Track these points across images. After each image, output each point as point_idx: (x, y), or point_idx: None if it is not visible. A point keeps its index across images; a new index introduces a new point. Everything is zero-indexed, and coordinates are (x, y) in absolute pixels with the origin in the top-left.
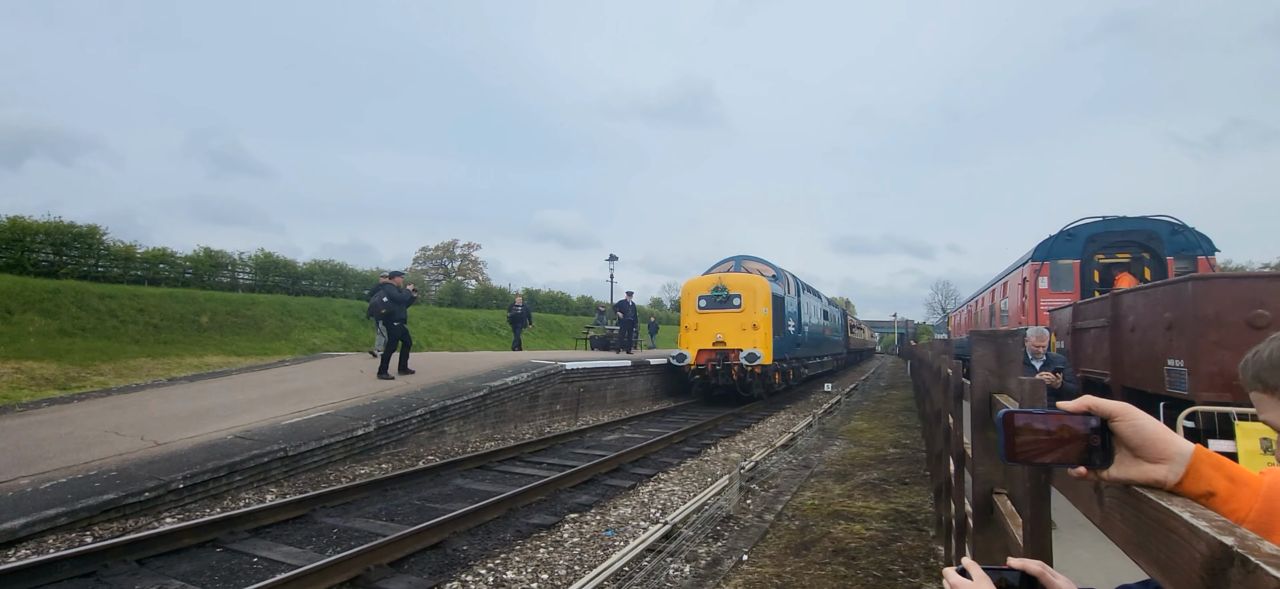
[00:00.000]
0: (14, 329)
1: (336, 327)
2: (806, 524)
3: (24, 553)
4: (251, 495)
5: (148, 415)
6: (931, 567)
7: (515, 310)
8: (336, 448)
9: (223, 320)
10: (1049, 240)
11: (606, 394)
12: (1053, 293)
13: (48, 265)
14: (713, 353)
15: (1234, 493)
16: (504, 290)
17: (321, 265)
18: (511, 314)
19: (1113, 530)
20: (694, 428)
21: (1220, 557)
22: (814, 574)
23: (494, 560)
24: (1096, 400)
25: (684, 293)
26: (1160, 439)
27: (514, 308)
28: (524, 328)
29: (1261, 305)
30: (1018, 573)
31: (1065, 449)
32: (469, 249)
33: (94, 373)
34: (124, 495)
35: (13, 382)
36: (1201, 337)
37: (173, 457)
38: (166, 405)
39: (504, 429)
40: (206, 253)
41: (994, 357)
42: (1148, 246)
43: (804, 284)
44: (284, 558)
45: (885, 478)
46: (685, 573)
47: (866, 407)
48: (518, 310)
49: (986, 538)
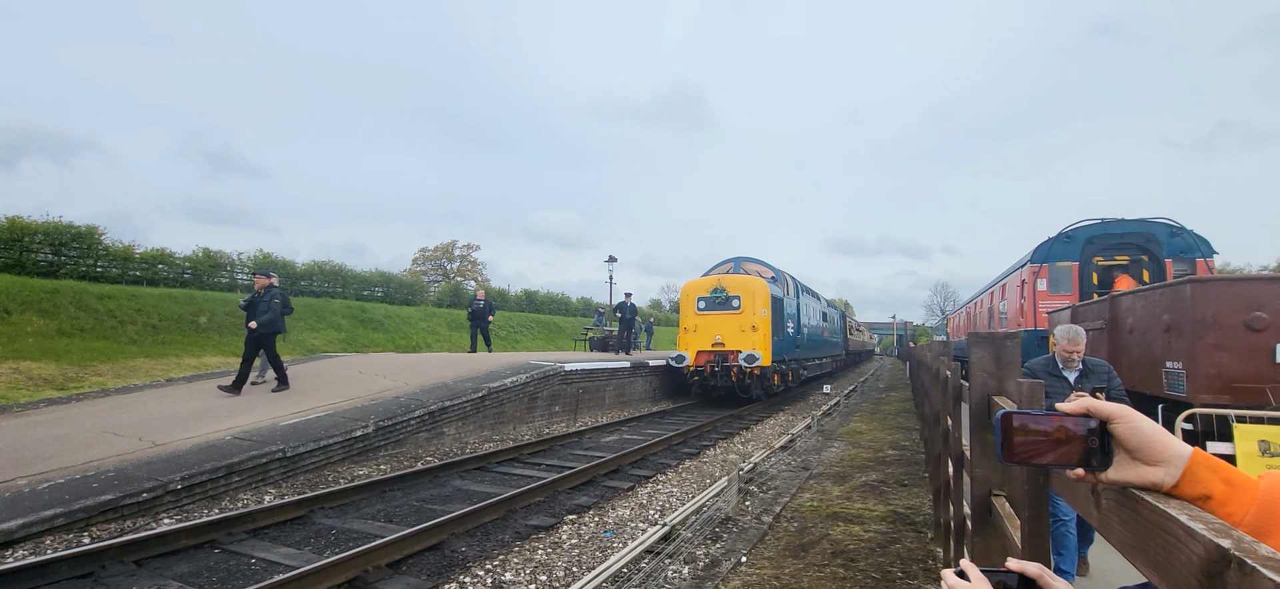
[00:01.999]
0: (12, 329)
1: (335, 327)
2: (805, 526)
3: (21, 554)
4: (249, 496)
5: (146, 416)
6: (930, 569)
7: (475, 305)
8: (335, 449)
9: (221, 321)
10: (1048, 242)
11: (605, 395)
12: (1051, 295)
13: (46, 265)
14: (712, 354)
15: (1231, 496)
16: (502, 291)
17: (320, 266)
18: (471, 310)
19: (1110, 533)
20: (693, 429)
21: (1217, 559)
22: (813, 576)
23: (492, 562)
24: (1095, 402)
25: (683, 294)
26: (1158, 442)
27: (474, 303)
28: (486, 326)
29: (1260, 308)
30: (1016, 575)
31: (1063, 450)
32: (468, 250)
33: (92, 373)
34: (122, 496)
35: (11, 382)
36: (1199, 339)
37: (170, 457)
38: (164, 406)
39: (503, 430)
40: (205, 253)
41: (992, 358)
42: (1146, 249)
43: (803, 286)
44: (282, 559)
45: (884, 480)
46: (684, 575)
47: (865, 408)
48: (478, 305)
49: (985, 540)
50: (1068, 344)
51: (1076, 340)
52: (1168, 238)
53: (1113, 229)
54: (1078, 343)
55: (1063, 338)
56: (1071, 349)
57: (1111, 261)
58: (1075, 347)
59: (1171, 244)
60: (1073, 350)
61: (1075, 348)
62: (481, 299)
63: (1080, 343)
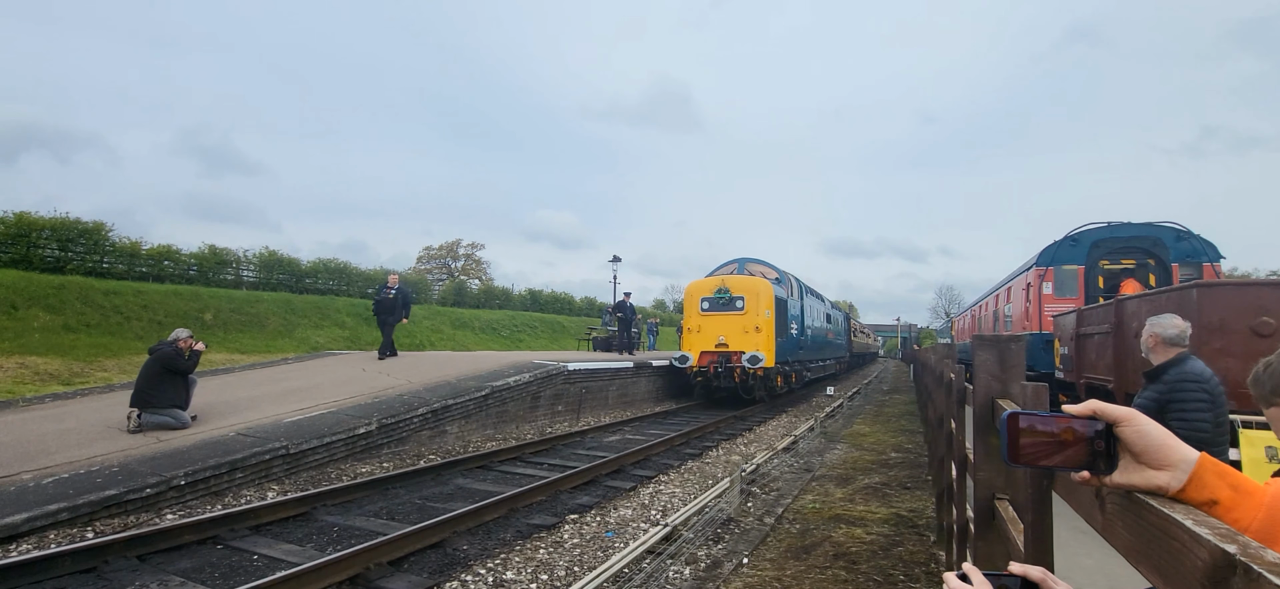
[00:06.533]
0: (19, 324)
1: (339, 325)
2: (807, 528)
3: (26, 547)
4: (253, 493)
5: None
6: (932, 572)
7: (384, 294)
8: (338, 446)
9: (226, 318)
10: (1053, 246)
11: (608, 395)
12: (1057, 298)
13: (53, 261)
14: (715, 355)
15: (1237, 502)
16: (506, 290)
17: (325, 264)
18: (379, 299)
19: (1114, 537)
20: (695, 430)
21: (1223, 564)
22: (814, 578)
23: (494, 560)
24: (1101, 405)
25: (686, 295)
26: (1165, 446)
27: (383, 291)
28: (398, 322)
29: (1266, 313)
30: (1018, 579)
31: (1069, 453)
32: (472, 249)
33: (98, 368)
34: (125, 491)
35: (17, 376)
36: (1205, 344)
37: (174, 453)
38: None
39: (505, 429)
40: (211, 250)
41: (997, 362)
42: (1152, 253)
43: (807, 287)
44: (284, 555)
45: (887, 482)
46: (685, 575)
47: (869, 411)
48: (388, 295)
49: (988, 543)
50: (1173, 330)
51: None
52: (1174, 242)
53: (1119, 233)
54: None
55: (1162, 330)
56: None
57: (1117, 266)
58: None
59: (1178, 248)
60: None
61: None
62: (394, 287)
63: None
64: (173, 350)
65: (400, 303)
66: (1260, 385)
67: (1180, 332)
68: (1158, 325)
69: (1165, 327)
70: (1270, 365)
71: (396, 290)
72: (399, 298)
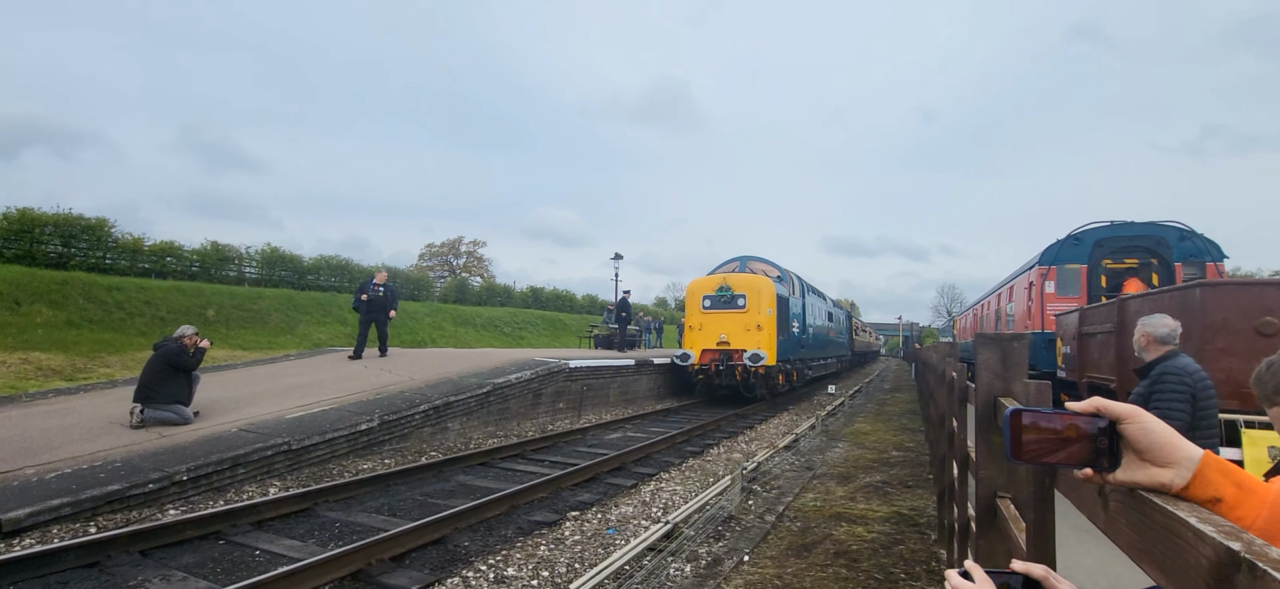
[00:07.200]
0: (22, 320)
1: (342, 321)
2: (808, 526)
3: (28, 542)
4: (255, 489)
5: None
6: (933, 570)
7: (371, 290)
8: (340, 442)
9: (229, 314)
10: (1056, 245)
11: (610, 393)
12: (1059, 297)
13: (56, 257)
14: (717, 353)
15: (1241, 499)
16: (507, 288)
17: (327, 260)
18: (363, 297)
19: (1117, 535)
20: (697, 428)
21: (1227, 562)
22: (815, 576)
23: (495, 557)
24: (1105, 402)
25: (688, 293)
26: (1168, 443)
27: (370, 288)
28: (384, 322)
29: (1269, 313)
30: (1020, 577)
31: (1072, 450)
32: (474, 246)
33: (100, 364)
34: (128, 487)
35: (20, 372)
36: (1208, 343)
37: (176, 449)
38: None
39: (507, 426)
40: (213, 246)
41: (999, 360)
42: (1155, 252)
43: (809, 285)
44: (286, 551)
45: (888, 481)
46: (686, 572)
47: (870, 409)
48: (376, 292)
49: (989, 541)
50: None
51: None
52: (1177, 241)
53: (1121, 232)
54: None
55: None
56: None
57: (1120, 265)
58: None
59: (1181, 247)
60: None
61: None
62: (381, 285)
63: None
64: (177, 347)
65: (388, 300)
66: (1263, 385)
67: (1170, 330)
68: (1149, 324)
69: (1156, 326)
70: (1272, 365)
71: (385, 288)
72: (388, 295)
